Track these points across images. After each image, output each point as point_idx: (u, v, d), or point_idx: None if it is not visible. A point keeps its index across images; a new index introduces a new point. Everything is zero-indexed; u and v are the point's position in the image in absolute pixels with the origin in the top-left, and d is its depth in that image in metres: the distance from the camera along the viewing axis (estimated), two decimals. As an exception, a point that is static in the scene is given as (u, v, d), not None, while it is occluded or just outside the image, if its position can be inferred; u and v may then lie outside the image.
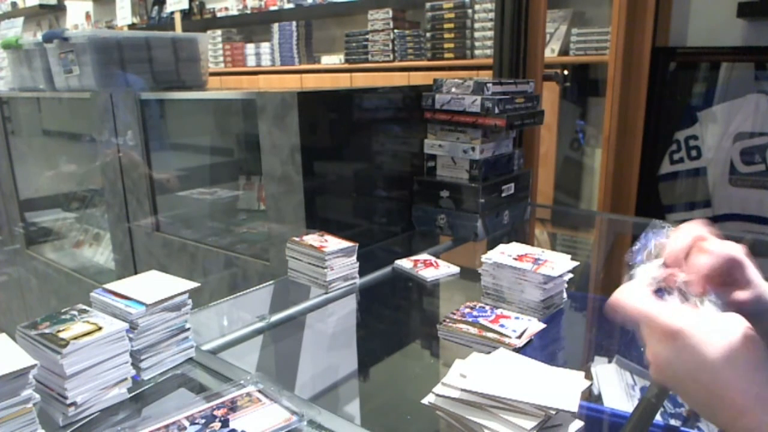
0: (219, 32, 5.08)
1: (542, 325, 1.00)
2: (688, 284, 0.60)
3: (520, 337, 0.95)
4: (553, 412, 0.64)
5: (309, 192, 1.40)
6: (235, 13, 4.90)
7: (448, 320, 1.01)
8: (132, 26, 5.26)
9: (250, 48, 4.91)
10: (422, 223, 1.68)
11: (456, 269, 1.33)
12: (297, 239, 1.24)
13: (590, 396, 0.86)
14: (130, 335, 0.81)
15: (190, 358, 0.91)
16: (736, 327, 0.52)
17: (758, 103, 1.97)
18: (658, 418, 0.77)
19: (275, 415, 0.71)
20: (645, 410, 0.74)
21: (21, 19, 2.72)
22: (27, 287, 2.72)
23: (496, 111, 1.50)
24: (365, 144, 1.56)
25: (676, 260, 0.62)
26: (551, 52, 3.17)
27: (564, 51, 3.17)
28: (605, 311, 0.61)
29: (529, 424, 0.63)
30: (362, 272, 1.27)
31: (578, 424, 0.67)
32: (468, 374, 0.70)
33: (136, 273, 1.00)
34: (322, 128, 1.44)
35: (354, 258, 1.24)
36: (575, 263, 1.09)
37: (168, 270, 1.09)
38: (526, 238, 1.77)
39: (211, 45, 5.10)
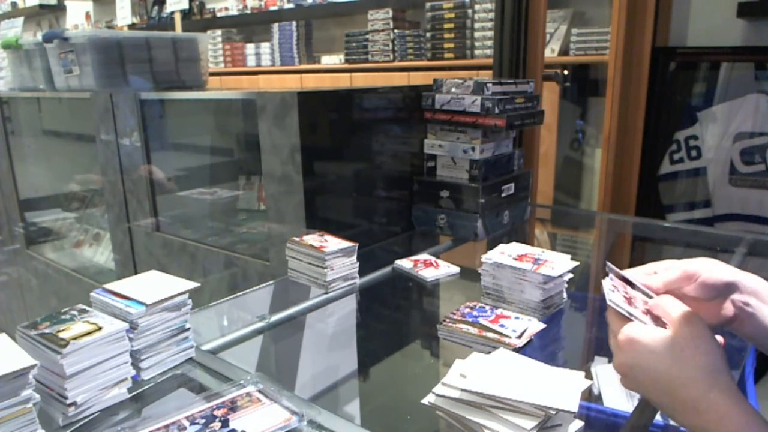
0: (219, 32, 5.08)
1: (542, 325, 1.00)
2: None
3: (520, 337, 0.95)
4: (553, 412, 0.64)
5: (309, 192, 1.40)
6: (235, 13, 4.90)
7: (448, 320, 1.01)
8: (132, 26, 5.25)
9: (250, 48, 4.91)
10: (422, 223, 1.68)
11: (456, 269, 1.33)
12: (297, 239, 1.24)
13: (590, 396, 0.86)
14: (130, 335, 0.81)
15: (190, 358, 0.91)
16: (686, 332, 0.56)
17: (758, 103, 1.97)
18: (658, 418, 0.77)
19: (275, 415, 0.71)
20: (644, 410, 0.74)
21: (21, 19, 2.72)
22: (27, 287, 2.72)
23: (496, 111, 1.50)
24: (365, 144, 1.56)
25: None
26: (551, 52, 3.17)
27: (564, 51, 3.17)
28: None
29: (529, 424, 0.63)
30: (362, 272, 1.27)
31: (578, 424, 0.67)
32: (468, 374, 0.70)
33: (136, 273, 1.00)
34: (322, 128, 1.44)
35: (354, 258, 1.24)
36: (575, 263, 1.09)
37: (168, 270, 1.09)
38: (526, 238, 1.76)
39: (211, 45, 5.10)
